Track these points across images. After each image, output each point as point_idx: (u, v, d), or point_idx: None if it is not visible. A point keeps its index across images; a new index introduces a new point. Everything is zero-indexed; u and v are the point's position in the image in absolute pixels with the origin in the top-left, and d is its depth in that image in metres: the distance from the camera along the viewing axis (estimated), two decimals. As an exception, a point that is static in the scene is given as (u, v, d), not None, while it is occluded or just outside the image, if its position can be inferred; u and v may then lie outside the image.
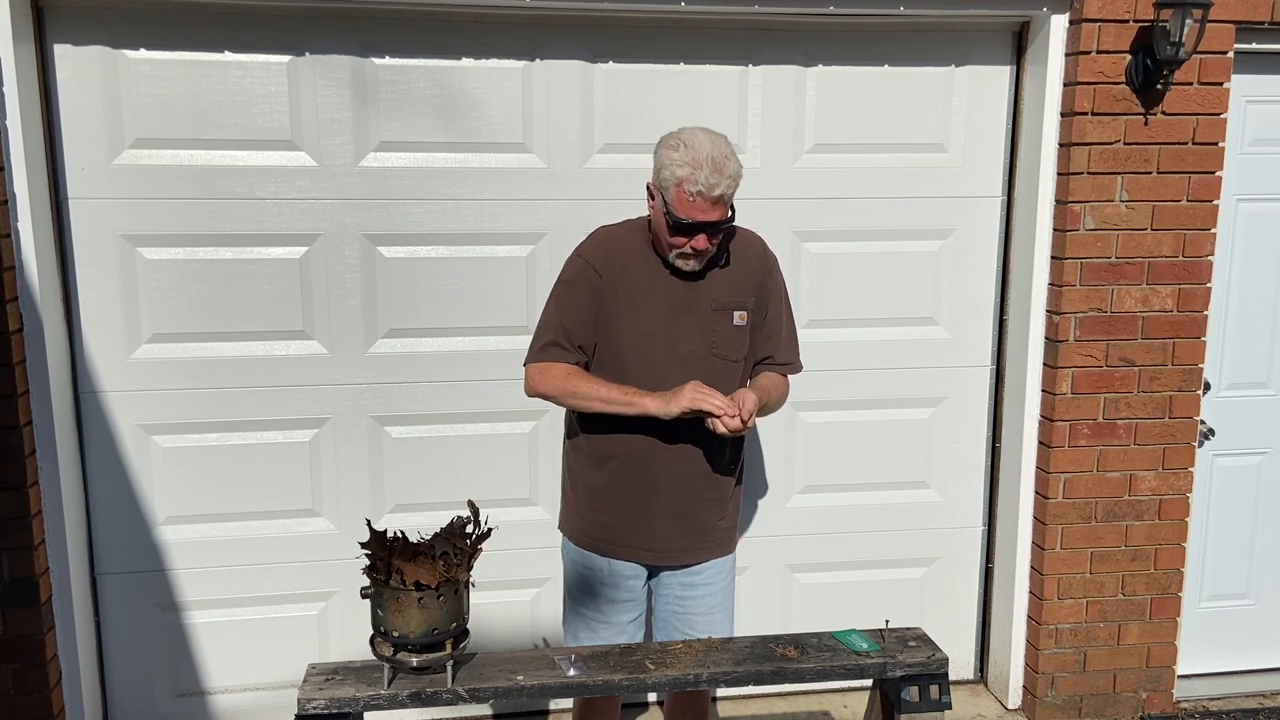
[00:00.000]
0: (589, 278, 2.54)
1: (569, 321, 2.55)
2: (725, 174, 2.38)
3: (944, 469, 3.68)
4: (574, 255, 2.61)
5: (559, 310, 2.57)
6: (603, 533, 2.64)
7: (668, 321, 2.54)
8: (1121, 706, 3.63)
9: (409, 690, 2.15)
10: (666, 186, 2.41)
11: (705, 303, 2.56)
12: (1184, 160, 3.31)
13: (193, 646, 3.39)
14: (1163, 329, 3.40)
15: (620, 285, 2.53)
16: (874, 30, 3.35)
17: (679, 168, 2.38)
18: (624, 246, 2.57)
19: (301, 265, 3.23)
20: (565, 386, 2.52)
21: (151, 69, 3.05)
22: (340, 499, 3.37)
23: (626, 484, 2.59)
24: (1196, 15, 3.07)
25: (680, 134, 2.44)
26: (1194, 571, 3.72)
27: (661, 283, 2.54)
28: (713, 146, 2.39)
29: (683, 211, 2.40)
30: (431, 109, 3.20)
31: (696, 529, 2.64)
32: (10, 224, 2.88)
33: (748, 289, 2.62)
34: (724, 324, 2.57)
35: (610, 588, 2.65)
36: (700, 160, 2.36)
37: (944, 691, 2.34)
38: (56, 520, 3.06)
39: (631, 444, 2.55)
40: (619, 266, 2.54)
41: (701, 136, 2.42)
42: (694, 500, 2.61)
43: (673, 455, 2.56)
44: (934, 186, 3.48)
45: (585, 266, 2.55)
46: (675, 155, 2.39)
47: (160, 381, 3.22)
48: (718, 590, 2.70)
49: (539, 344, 2.58)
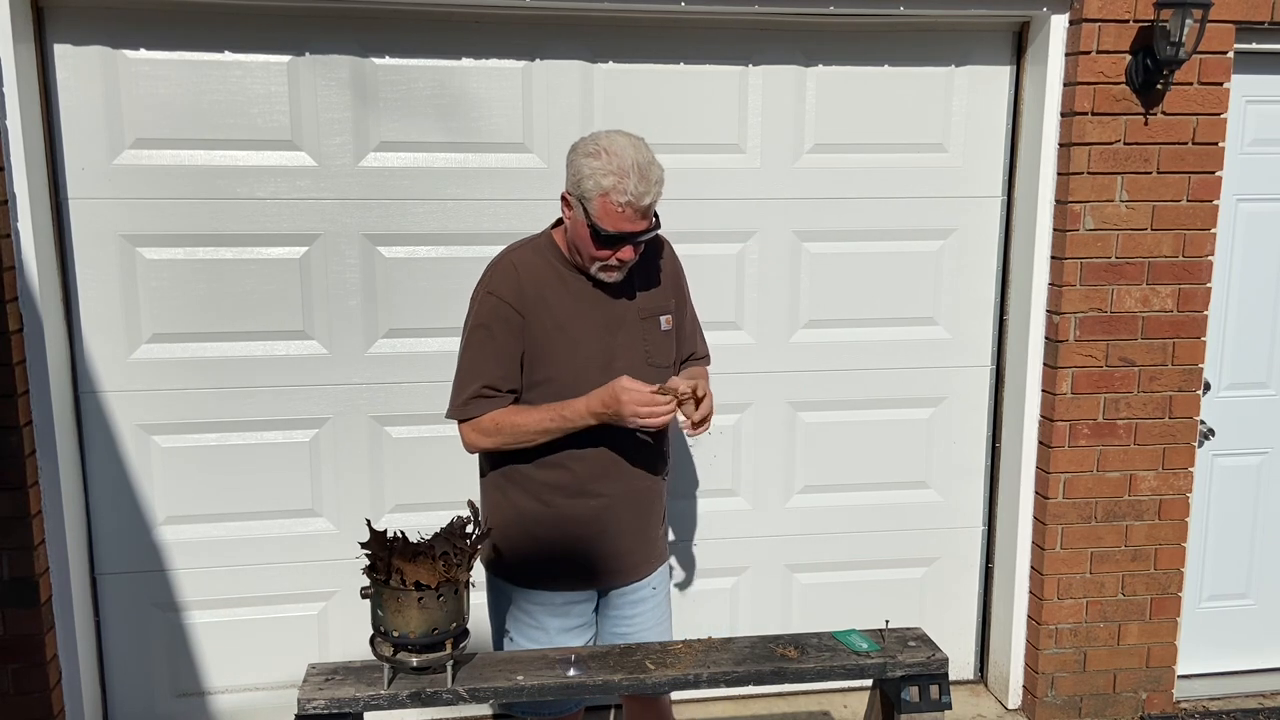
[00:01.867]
0: (507, 318, 2.35)
1: (491, 371, 2.37)
2: (653, 181, 2.24)
3: (944, 469, 3.68)
4: (484, 294, 2.39)
5: (479, 358, 2.38)
6: (548, 566, 2.47)
7: (603, 340, 2.40)
8: (1121, 706, 3.63)
9: (409, 690, 2.15)
10: (589, 197, 2.25)
11: (633, 314, 2.44)
12: (1184, 160, 3.31)
13: (193, 646, 3.39)
14: (1163, 329, 3.40)
15: (545, 315, 2.36)
16: (874, 30, 3.35)
17: (604, 177, 2.22)
18: (536, 272, 2.39)
19: (301, 265, 3.23)
20: (504, 431, 2.36)
21: (151, 69, 3.05)
22: (340, 499, 3.37)
23: (573, 512, 2.44)
24: (1196, 15, 3.07)
25: (599, 139, 2.28)
26: (1194, 571, 3.71)
27: (587, 302, 2.40)
28: (636, 152, 2.25)
29: (609, 223, 2.24)
30: (431, 109, 3.20)
31: (645, 543, 2.56)
32: (10, 224, 2.88)
33: (667, 292, 2.52)
34: (654, 331, 2.46)
35: (562, 618, 2.50)
36: (626, 168, 2.21)
37: (944, 691, 2.34)
38: (56, 520, 3.06)
39: (573, 471, 2.41)
40: (538, 297, 2.36)
41: (623, 141, 2.26)
42: (643, 515, 2.53)
43: (619, 476, 2.44)
44: (934, 186, 3.48)
45: (500, 305, 2.36)
46: (597, 164, 2.23)
47: (160, 381, 3.22)
48: (663, 600, 2.63)
49: (463, 397, 2.39)
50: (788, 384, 3.50)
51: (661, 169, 2.30)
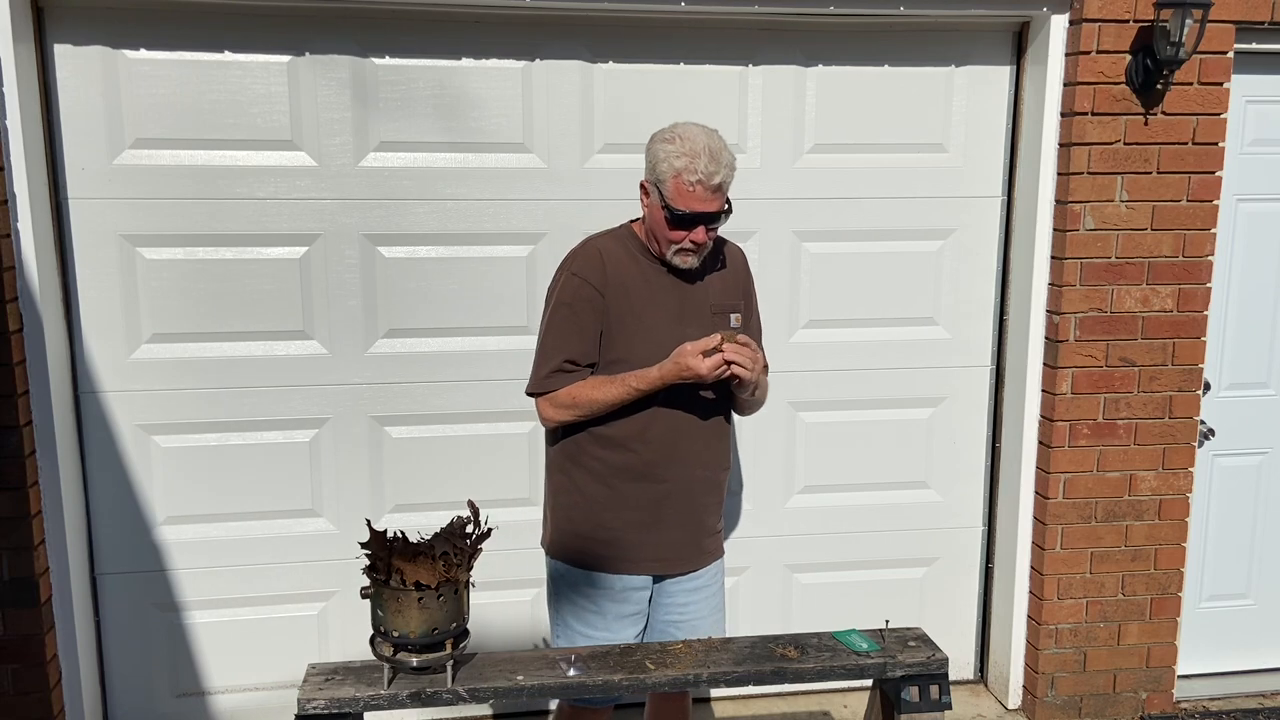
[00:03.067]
0: (589, 297, 2.47)
1: (574, 347, 2.48)
2: (722, 162, 2.39)
3: (944, 469, 3.68)
4: (568, 275, 2.51)
5: (562, 335, 2.49)
6: (608, 549, 2.54)
7: (675, 329, 2.49)
8: (1121, 706, 3.63)
9: (409, 690, 2.15)
10: (664, 179, 2.41)
11: (704, 307, 2.55)
12: (1184, 160, 3.31)
13: (193, 646, 3.39)
14: (1163, 329, 3.40)
15: (624, 299, 2.48)
16: (874, 30, 3.35)
17: (677, 159, 2.38)
18: (618, 259, 2.51)
19: (301, 265, 3.23)
20: (579, 404, 2.46)
21: (151, 69, 3.05)
22: (340, 499, 3.37)
23: (635, 495, 2.52)
24: (1196, 15, 3.07)
25: (674, 128, 2.45)
26: (1194, 571, 3.71)
27: (663, 290, 2.52)
28: (708, 138, 2.40)
29: (682, 203, 2.39)
30: (431, 109, 3.20)
31: (703, 533, 2.62)
32: (10, 224, 2.88)
33: (738, 293, 2.64)
34: (723, 326, 2.54)
35: (619, 604, 2.57)
36: (697, 150, 2.37)
37: (944, 691, 2.34)
38: (56, 520, 3.06)
39: (638, 455, 2.50)
40: (618, 281, 2.49)
41: (695, 129, 2.42)
42: (701, 505, 2.59)
43: (682, 462, 2.52)
44: (934, 186, 3.48)
45: (584, 285, 2.48)
46: (671, 148, 2.40)
47: (160, 381, 3.22)
48: (716, 591, 2.69)
49: (543, 371, 2.50)
50: (788, 384, 3.50)
51: (733, 155, 2.43)
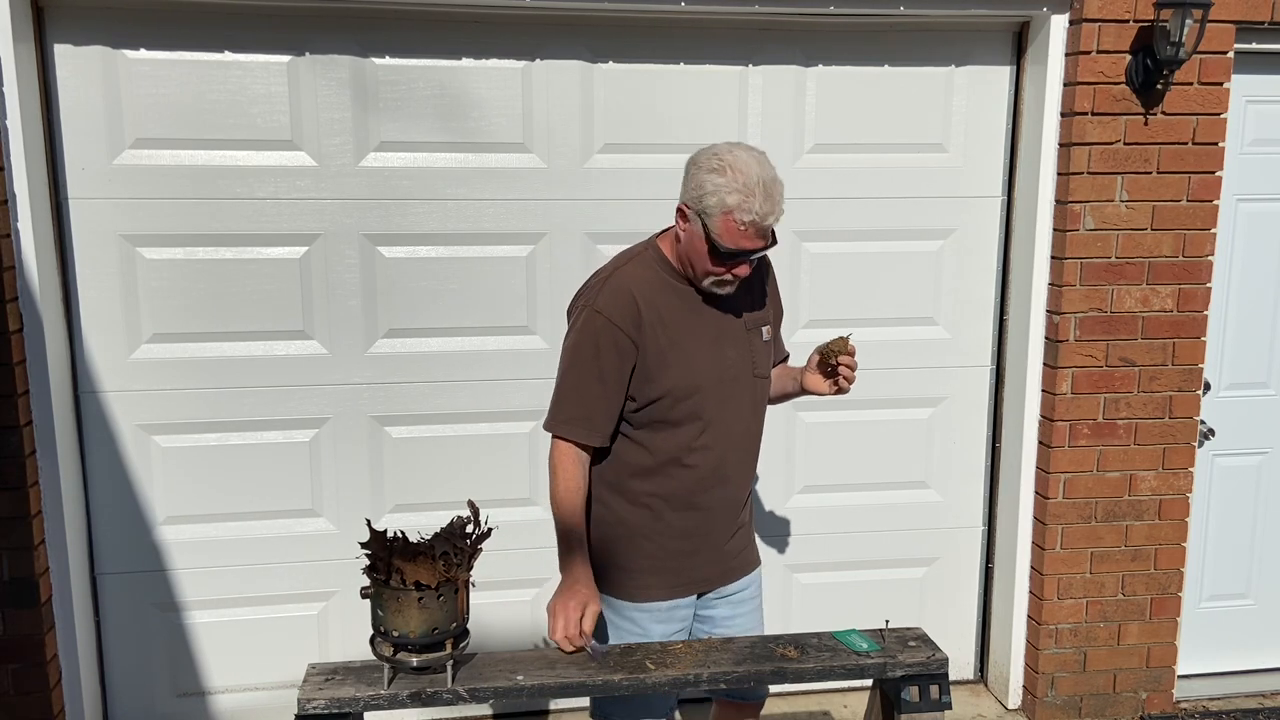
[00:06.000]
0: (617, 341, 2.27)
1: (598, 400, 2.31)
2: (777, 200, 2.19)
3: (944, 469, 3.68)
4: (590, 311, 2.29)
5: (582, 383, 2.31)
6: (653, 578, 2.44)
7: (714, 353, 2.36)
8: (1121, 706, 3.63)
9: (409, 690, 2.15)
10: (711, 213, 2.19)
11: (739, 325, 2.42)
12: (1184, 160, 3.31)
13: (193, 646, 3.39)
14: (1163, 329, 3.40)
15: (660, 333, 2.30)
16: (874, 30, 3.35)
17: (729, 194, 2.16)
18: (650, 292, 2.31)
19: (301, 265, 3.23)
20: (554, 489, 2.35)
21: (151, 69, 3.05)
22: (340, 499, 3.37)
23: (678, 523, 2.42)
24: (1196, 15, 3.07)
25: (722, 154, 2.21)
26: (1194, 571, 3.72)
27: (698, 315, 2.35)
28: (760, 168, 2.19)
29: (729, 241, 2.20)
30: (431, 109, 3.20)
31: (746, 543, 2.58)
32: (10, 224, 2.88)
33: (763, 301, 2.51)
34: (757, 342, 2.44)
35: (664, 624, 2.47)
36: (752, 187, 2.16)
37: (944, 691, 2.33)
38: (56, 520, 3.06)
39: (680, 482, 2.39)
40: (653, 317, 2.29)
41: (746, 158, 2.20)
42: (738, 521, 2.53)
43: (724, 485, 2.44)
44: (934, 186, 3.48)
45: (609, 328, 2.27)
46: (721, 180, 2.17)
47: (160, 381, 3.22)
48: (759, 595, 2.63)
49: (563, 414, 2.34)
50: (788, 384, 3.50)
51: (783, 185, 2.23)
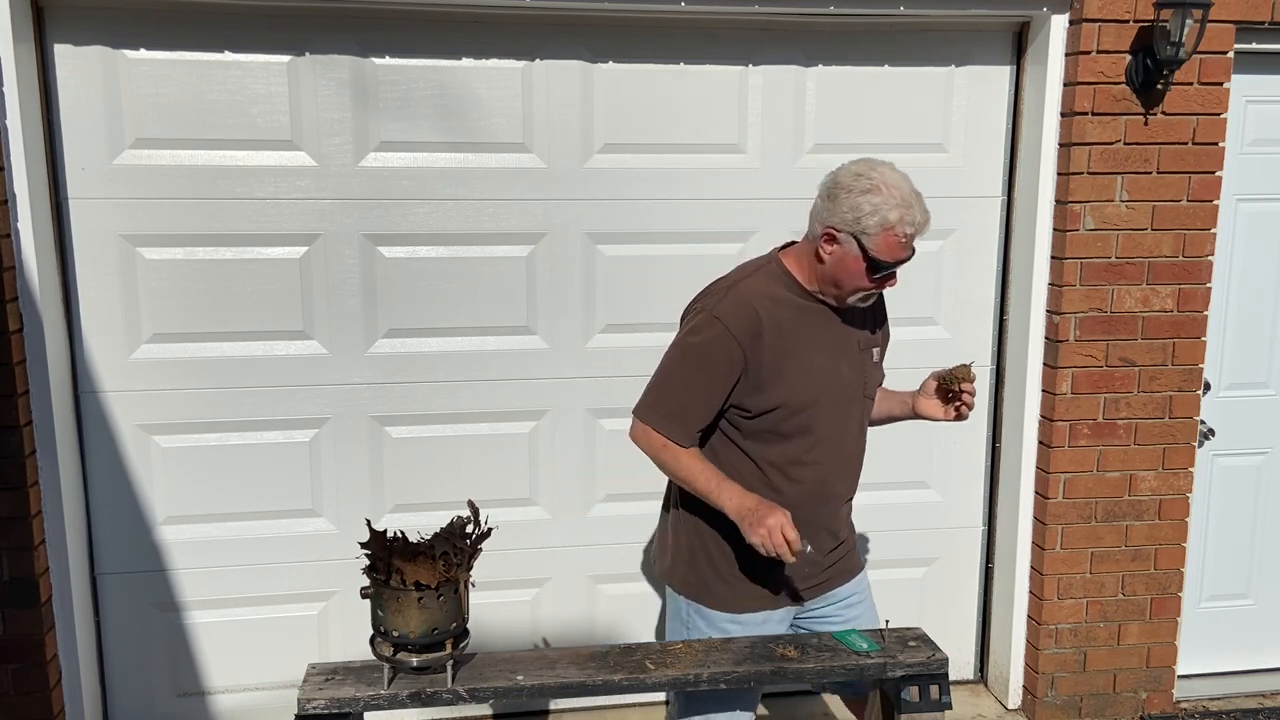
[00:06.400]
0: (730, 352, 2.30)
1: (698, 403, 2.34)
2: (925, 207, 2.28)
3: (944, 469, 3.68)
4: (710, 316, 2.33)
5: (691, 383, 2.34)
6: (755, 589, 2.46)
7: (831, 370, 2.39)
8: (1121, 706, 3.63)
9: (409, 690, 2.15)
10: (871, 232, 2.23)
11: (855, 345, 2.45)
12: (1184, 160, 3.31)
13: (193, 646, 3.39)
14: (1163, 329, 3.40)
15: (778, 344, 2.33)
16: (874, 30, 3.35)
17: (890, 211, 2.22)
18: (771, 303, 2.35)
19: (301, 265, 3.23)
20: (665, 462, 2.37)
21: (151, 69, 3.05)
22: (340, 499, 3.37)
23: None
24: (1196, 15, 3.07)
25: (867, 174, 2.26)
26: (1194, 571, 3.71)
27: (819, 332, 2.39)
28: (904, 180, 2.26)
29: (889, 254, 2.26)
30: (431, 109, 3.20)
31: (848, 551, 2.58)
32: (10, 224, 2.88)
33: (874, 322, 2.54)
34: (869, 364, 2.48)
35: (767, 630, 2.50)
36: (908, 199, 2.23)
37: (944, 691, 2.33)
38: (56, 520, 3.06)
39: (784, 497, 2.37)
40: (772, 330, 2.32)
41: (891, 174, 2.26)
42: (836, 542, 2.53)
43: (827, 502, 2.46)
44: (934, 186, 3.45)
45: (726, 336, 2.30)
46: (878, 199, 2.22)
47: (160, 381, 3.22)
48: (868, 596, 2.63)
49: (662, 409, 2.37)
50: (788, 384, 3.49)
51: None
